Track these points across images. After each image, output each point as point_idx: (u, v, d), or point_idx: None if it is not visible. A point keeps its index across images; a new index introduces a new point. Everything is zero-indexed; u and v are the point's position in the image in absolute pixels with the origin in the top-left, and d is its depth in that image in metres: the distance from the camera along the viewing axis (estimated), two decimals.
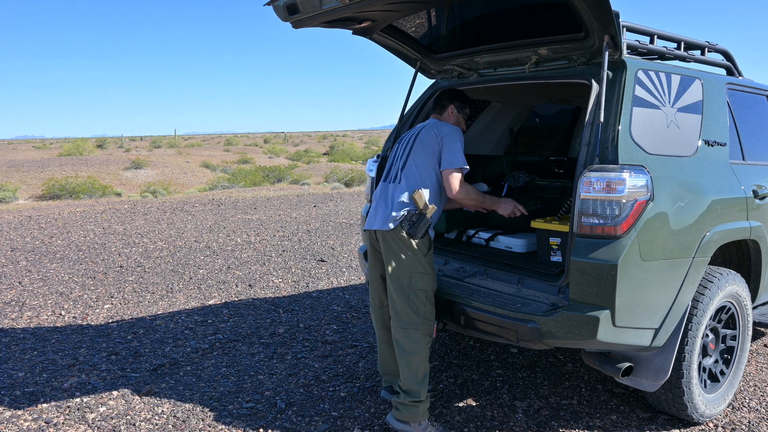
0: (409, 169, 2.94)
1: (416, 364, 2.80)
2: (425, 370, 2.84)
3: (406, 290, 2.80)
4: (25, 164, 21.28)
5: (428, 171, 2.92)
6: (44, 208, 11.35)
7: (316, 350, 4.00)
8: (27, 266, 6.36)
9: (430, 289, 2.84)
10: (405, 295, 2.81)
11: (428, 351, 2.85)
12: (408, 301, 2.80)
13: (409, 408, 2.80)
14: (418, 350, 2.81)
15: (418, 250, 2.80)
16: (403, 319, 2.83)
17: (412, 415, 2.80)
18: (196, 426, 2.99)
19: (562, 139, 5.08)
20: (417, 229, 2.77)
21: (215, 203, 11.67)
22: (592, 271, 2.46)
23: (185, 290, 5.48)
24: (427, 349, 2.85)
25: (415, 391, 2.79)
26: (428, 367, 2.85)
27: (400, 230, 2.79)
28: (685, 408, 2.87)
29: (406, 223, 2.78)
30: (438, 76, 3.74)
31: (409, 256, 2.80)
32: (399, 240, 2.80)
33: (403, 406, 2.81)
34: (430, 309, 2.85)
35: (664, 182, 2.61)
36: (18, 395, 3.31)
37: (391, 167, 3.06)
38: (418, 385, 2.80)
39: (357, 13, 3.03)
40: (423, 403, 2.81)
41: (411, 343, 2.81)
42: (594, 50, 2.78)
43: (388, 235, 2.83)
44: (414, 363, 2.80)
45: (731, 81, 3.43)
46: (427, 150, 2.94)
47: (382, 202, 2.95)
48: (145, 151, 35.40)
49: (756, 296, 3.40)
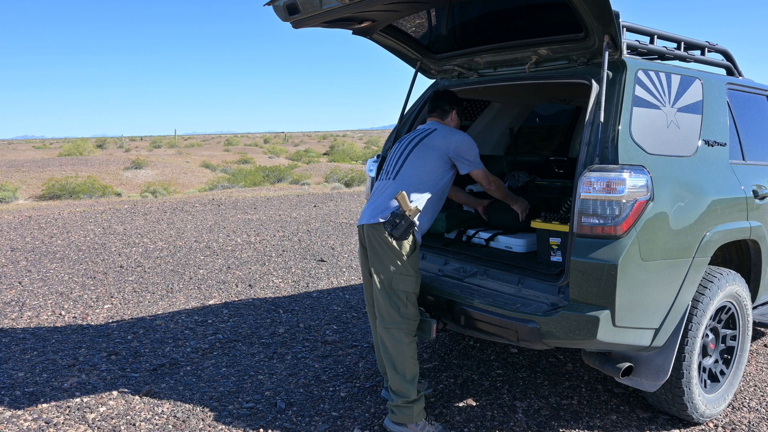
0: (405, 170, 2.96)
1: (402, 365, 2.80)
2: (414, 371, 2.83)
3: (388, 290, 2.82)
4: (25, 164, 21.27)
5: (429, 173, 2.94)
6: (44, 208, 11.35)
7: (316, 350, 4.00)
8: (27, 266, 6.36)
9: (411, 291, 2.84)
10: (387, 295, 2.82)
11: (414, 351, 2.85)
12: (390, 301, 2.81)
13: (403, 410, 2.80)
14: (402, 350, 2.81)
15: (401, 251, 2.80)
16: (386, 319, 2.84)
17: (408, 417, 2.79)
18: (196, 426, 2.99)
19: (562, 139, 5.08)
20: (399, 231, 2.77)
21: (215, 203, 11.67)
22: (592, 271, 2.46)
23: (185, 290, 5.48)
24: (413, 349, 2.84)
25: (405, 392, 2.78)
26: (417, 368, 2.85)
27: (383, 230, 2.80)
28: (685, 408, 2.87)
29: (389, 225, 2.78)
30: (438, 76, 3.74)
31: (392, 257, 2.80)
32: (382, 240, 2.81)
33: (397, 409, 2.81)
34: (413, 310, 2.85)
35: (664, 182, 2.61)
36: (18, 395, 3.31)
37: (388, 167, 3.08)
38: (407, 385, 2.79)
39: (357, 13, 3.03)
40: (417, 403, 2.81)
41: (394, 342, 2.82)
42: (594, 50, 2.78)
43: (372, 234, 2.85)
44: (399, 363, 2.80)
45: (731, 81, 3.43)
46: (434, 154, 2.96)
47: (373, 201, 2.98)
48: (145, 151, 35.41)
49: (756, 296, 3.40)
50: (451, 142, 2.99)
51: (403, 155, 3.03)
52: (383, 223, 2.80)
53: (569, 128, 5.05)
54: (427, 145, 3.00)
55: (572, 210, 2.55)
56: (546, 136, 5.07)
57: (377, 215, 2.85)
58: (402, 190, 2.85)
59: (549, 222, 3.05)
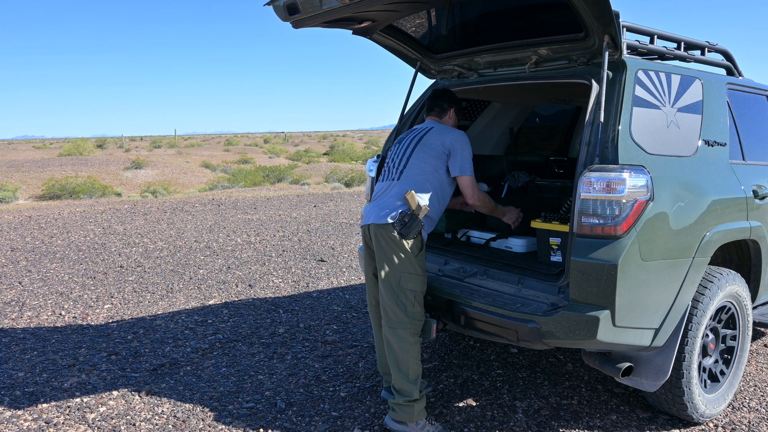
0: (409, 170, 2.96)
1: (406, 364, 2.81)
2: (417, 371, 2.84)
3: (395, 289, 2.81)
4: (25, 164, 21.28)
5: (431, 173, 2.94)
6: (44, 208, 11.35)
7: (316, 350, 4.00)
8: (27, 266, 6.36)
9: (419, 290, 2.84)
10: (394, 295, 2.82)
11: (419, 351, 2.86)
12: (397, 301, 2.81)
13: (404, 408, 2.80)
14: (407, 350, 2.81)
15: (409, 250, 2.81)
16: (392, 319, 2.84)
17: (408, 415, 2.80)
18: (196, 426, 2.99)
19: (562, 139, 5.08)
20: (408, 230, 2.78)
21: (215, 203, 11.67)
22: (592, 271, 2.46)
23: (185, 290, 5.48)
24: (417, 349, 2.85)
25: (408, 391, 2.79)
26: (420, 368, 2.86)
27: (392, 230, 2.80)
28: (685, 408, 2.87)
29: (398, 224, 2.79)
30: (438, 76, 3.74)
31: (400, 257, 2.80)
32: (390, 240, 2.81)
33: (398, 407, 2.81)
34: (419, 309, 2.85)
35: (664, 182, 2.61)
36: (18, 395, 3.31)
37: (390, 167, 3.07)
38: (410, 385, 2.80)
39: (357, 13, 3.03)
40: (418, 402, 2.81)
41: (399, 342, 2.82)
42: (594, 50, 2.78)
43: (380, 234, 2.85)
44: (404, 363, 2.81)
45: (731, 81, 3.43)
46: (432, 153, 2.97)
47: (378, 201, 2.97)
48: (145, 151, 35.41)
49: (756, 296, 3.40)
50: (446, 138, 2.99)
51: (406, 155, 3.02)
52: (392, 223, 2.81)
53: (569, 128, 5.05)
54: (425, 144, 3.01)
55: (572, 210, 2.55)
56: (546, 136, 5.07)
57: (385, 215, 2.85)
58: (409, 189, 2.86)
59: (549, 222, 3.05)
